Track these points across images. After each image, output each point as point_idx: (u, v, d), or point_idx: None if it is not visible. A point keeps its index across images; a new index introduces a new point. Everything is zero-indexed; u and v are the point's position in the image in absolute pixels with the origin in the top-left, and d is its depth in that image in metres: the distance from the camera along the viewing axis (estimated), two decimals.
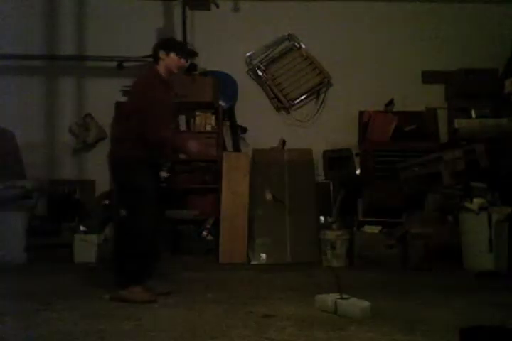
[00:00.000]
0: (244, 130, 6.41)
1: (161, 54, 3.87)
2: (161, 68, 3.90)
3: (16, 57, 6.32)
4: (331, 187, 6.05)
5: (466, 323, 2.80)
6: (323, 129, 6.37)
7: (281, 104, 6.44)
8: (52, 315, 3.31)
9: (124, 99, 5.63)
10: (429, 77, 6.46)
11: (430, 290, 4.12)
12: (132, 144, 3.73)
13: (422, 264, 5.05)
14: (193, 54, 4.21)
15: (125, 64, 6.09)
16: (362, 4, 6.47)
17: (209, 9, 6.36)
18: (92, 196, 6.14)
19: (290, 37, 6.45)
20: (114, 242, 5.22)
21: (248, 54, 6.46)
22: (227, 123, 6.35)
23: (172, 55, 3.87)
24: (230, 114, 6.37)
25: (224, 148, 6.17)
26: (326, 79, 6.43)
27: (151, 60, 6.32)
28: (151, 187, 3.73)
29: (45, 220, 5.69)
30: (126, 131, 3.82)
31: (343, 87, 6.44)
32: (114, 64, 6.10)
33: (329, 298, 3.35)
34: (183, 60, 3.94)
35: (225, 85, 6.26)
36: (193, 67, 6.10)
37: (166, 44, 3.96)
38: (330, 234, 5.42)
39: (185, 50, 4.12)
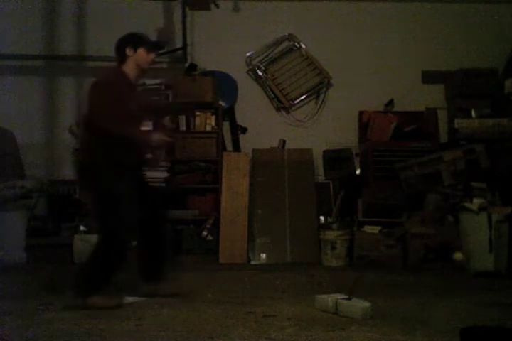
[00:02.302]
0: (244, 130, 6.42)
1: (128, 51, 3.61)
2: (129, 67, 3.64)
3: (15, 57, 6.32)
4: (331, 187, 6.05)
5: (466, 323, 2.80)
6: (323, 129, 6.37)
7: (281, 104, 6.44)
8: (52, 315, 3.31)
9: None
10: (429, 77, 6.45)
11: (430, 290, 4.12)
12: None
13: (421, 264, 5.06)
14: (161, 46, 3.87)
15: None
16: (362, 4, 6.47)
17: (209, 9, 6.36)
18: None
19: (290, 37, 6.45)
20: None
21: (248, 54, 6.45)
22: (228, 123, 6.37)
23: (140, 50, 3.62)
24: (230, 114, 6.37)
25: (224, 148, 6.17)
26: (326, 79, 6.42)
27: None
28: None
29: (45, 220, 5.69)
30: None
31: (343, 87, 6.44)
32: (114, 64, 6.09)
33: (330, 298, 3.35)
34: (151, 55, 3.67)
35: (225, 85, 6.26)
36: (193, 67, 6.11)
37: (132, 40, 3.67)
38: (330, 234, 5.43)
39: (152, 44, 3.77)
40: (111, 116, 3.45)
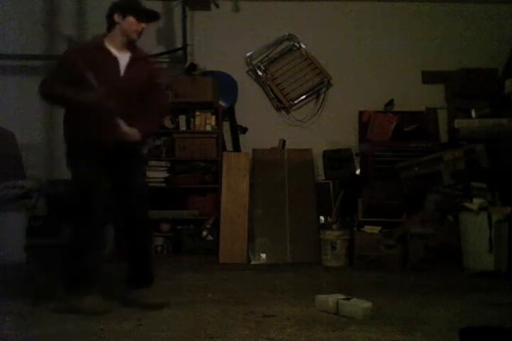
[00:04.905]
0: (244, 130, 6.42)
1: (117, 17, 3.41)
2: (115, 34, 3.44)
3: (15, 57, 6.32)
4: (331, 187, 6.05)
5: (466, 323, 2.81)
6: (323, 129, 6.36)
7: (281, 104, 6.44)
8: (53, 315, 3.31)
9: None
10: (429, 77, 6.45)
11: (430, 290, 4.13)
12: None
13: (421, 264, 5.06)
14: (154, 16, 3.52)
15: None
16: (362, 4, 6.47)
17: (209, 9, 6.37)
18: None
19: (290, 37, 6.45)
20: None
21: (248, 54, 6.45)
22: (228, 123, 6.37)
23: (130, 18, 3.40)
24: (230, 114, 6.37)
25: (224, 148, 6.17)
26: (326, 79, 6.42)
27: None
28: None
29: (45, 220, 5.69)
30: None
31: (343, 87, 6.44)
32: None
33: (330, 298, 3.35)
34: (143, 24, 3.43)
35: (225, 85, 6.26)
36: (193, 67, 6.11)
37: (123, 6, 3.44)
38: (330, 234, 5.43)
39: (144, 13, 3.47)
40: (52, 78, 3.39)
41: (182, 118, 6.02)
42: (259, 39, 6.43)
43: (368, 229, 5.40)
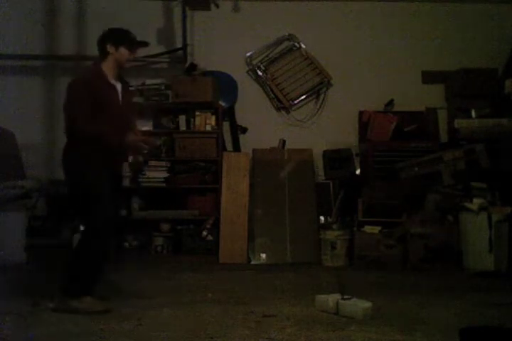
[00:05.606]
0: (244, 130, 6.42)
1: (110, 48, 3.55)
2: (109, 64, 3.58)
3: (16, 57, 6.31)
4: (331, 187, 6.05)
5: (466, 323, 2.81)
6: (323, 129, 6.36)
7: (281, 104, 6.44)
8: (53, 315, 3.31)
9: None
10: (429, 77, 6.45)
11: (430, 290, 4.13)
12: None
13: (421, 264, 5.06)
14: (143, 45, 3.71)
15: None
16: (362, 4, 6.47)
17: (209, 9, 6.38)
18: None
19: (290, 37, 6.45)
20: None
21: (248, 54, 6.45)
22: (228, 123, 6.37)
23: (123, 49, 3.55)
24: (230, 114, 6.37)
25: (224, 148, 6.17)
26: (326, 79, 6.42)
27: (150, 59, 6.37)
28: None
29: (45, 220, 5.69)
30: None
31: (343, 87, 6.44)
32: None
33: (330, 298, 3.35)
34: (133, 53, 3.63)
35: (225, 85, 6.26)
36: (193, 67, 6.11)
37: (114, 37, 3.59)
38: (330, 234, 5.43)
39: (135, 43, 3.65)
40: (83, 115, 3.42)
41: (182, 118, 6.02)
42: (259, 39, 6.43)
43: (368, 229, 5.40)
